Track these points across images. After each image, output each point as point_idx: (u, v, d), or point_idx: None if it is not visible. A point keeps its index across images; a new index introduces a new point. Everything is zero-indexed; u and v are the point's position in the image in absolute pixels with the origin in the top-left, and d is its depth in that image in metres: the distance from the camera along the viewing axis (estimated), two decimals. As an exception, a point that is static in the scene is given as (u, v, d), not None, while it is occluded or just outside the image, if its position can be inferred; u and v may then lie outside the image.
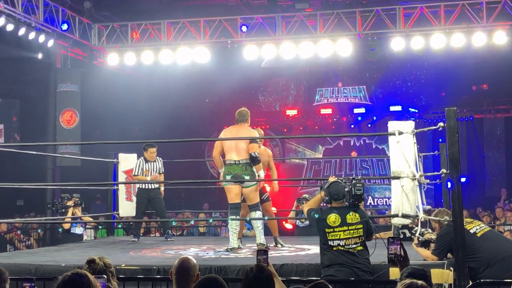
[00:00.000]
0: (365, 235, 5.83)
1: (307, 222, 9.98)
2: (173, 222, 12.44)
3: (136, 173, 10.10)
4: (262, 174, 8.29)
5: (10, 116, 17.69)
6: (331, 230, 5.72)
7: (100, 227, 12.47)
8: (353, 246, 5.71)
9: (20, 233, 13.37)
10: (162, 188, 10.33)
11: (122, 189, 10.63)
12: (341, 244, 5.70)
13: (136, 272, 6.33)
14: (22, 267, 6.59)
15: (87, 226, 11.89)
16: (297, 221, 10.98)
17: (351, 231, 5.72)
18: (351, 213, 5.79)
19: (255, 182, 8.08)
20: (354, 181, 5.84)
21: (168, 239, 10.15)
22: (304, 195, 12.48)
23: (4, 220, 11.38)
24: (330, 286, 3.85)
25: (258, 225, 8.17)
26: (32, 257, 7.79)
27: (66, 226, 10.75)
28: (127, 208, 10.57)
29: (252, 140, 8.08)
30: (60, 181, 14.49)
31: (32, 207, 15.37)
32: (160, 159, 10.33)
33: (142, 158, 10.19)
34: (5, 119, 17.42)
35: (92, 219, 11.64)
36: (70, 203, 10.48)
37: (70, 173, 14.53)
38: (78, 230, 11.13)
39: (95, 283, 3.19)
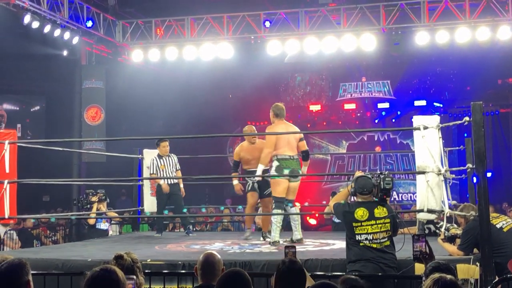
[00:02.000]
0: (392, 230, 5.80)
1: None
2: (204, 218, 12.44)
3: (153, 172, 10.08)
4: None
5: (36, 113, 17.88)
6: (359, 224, 5.68)
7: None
8: (381, 240, 5.67)
9: (47, 228, 13.51)
10: (182, 185, 10.28)
11: (147, 184, 10.70)
12: (368, 238, 5.66)
13: (161, 267, 6.37)
14: (49, 262, 6.65)
15: (112, 222, 11.98)
16: (334, 216, 10.86)
17: (379, 226, 5.68)
18: (378, 207, 5.75)
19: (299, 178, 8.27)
20: (383, 175, 5.80)
21: (190, 235, 10.11)
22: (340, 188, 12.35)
23: (31, 215, 11.49)
24: (360, 280, 3.85)
25: (297, 220, 8.31)
26: (59, 252, 7.86)
27: (91, 221, 10.84)
28: (152, 203, 10.62)
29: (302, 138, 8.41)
30: (85, 177, 14.62)
31: (58, 203, 15.52)
32: (174, 155, 10.28)
33: (155, 156, 10.14)
34: (30, 115, 17.64)
35: (117, 215, 11.72)
36: (94, 198, 10.55)
37: (96, 169, 14.67)
38: (103, 225, 11.21)
39: (124, 280, 3.19)
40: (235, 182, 9.11)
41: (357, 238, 5.68)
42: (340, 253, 6.79)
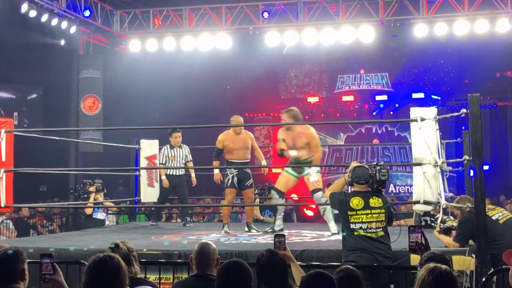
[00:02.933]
0: (387, 221, 5.81)
1: None
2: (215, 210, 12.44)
3: (162, 161, 10.18)
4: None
5: (33, 102, 17.86)
6: (354, 213, 5.70)
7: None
8: (376, 230, 5.68)
9: (43, 218, 13.51)
10: (193, 175, 10.41)
11: (144, 175, 10.66)
12: (363, 227, 5.67)
13: (157, 256, 6.38)
14: (45, 251, 6.63)
15: (109, 212, 11.97)
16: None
17: (374, 215, 5.69)
18: (374, 198, 5.76)
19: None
20: (379, 167, 5.81)
21: (186, 225, 10.14)
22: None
23: (27, 204, 11.48)
24: (356, 270, 3.85)
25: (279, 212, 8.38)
26: (54, 241, 7.87)
27: (88, 211, 10.83)
28: (148, 194, 10.62)
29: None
30: (82, 167, 14.60)
31: (55, 193, 15.51)
32: (186, 146, 10.35)
33: (167, 145, 10.21)
34: (27, 104, 17.61)
35: (113, 204, 11.71)
36: (92, 188, 10.54)
37: (93, 159, 14.64)
38: (100, 215, 11.20)
39: (125, 267, 3.23)
40: (216, 171, 9.12)
41: (351, 227, 5.69)
42: (336, 244, 6.80)
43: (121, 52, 15.46)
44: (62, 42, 14.91)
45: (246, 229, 8.88)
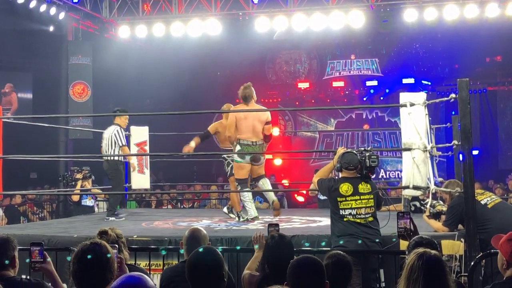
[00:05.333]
0: (376, 206, 5.83)
1: None
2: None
3: (124, 144, 9.39)
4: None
5: (24, 89, 17.76)
6: (343, 199, 5.71)
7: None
8: (365, 216, 5.71)
9: (34, 205, 13.49)
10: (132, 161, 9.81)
11: (134, 161, 10.64)
12: (352, 213, 5.70)
13: (148, 243, 6.38)
14: (35, 238, 6.61)
15: (100, 199, 11.96)
16: (319, 193, 10.82)
17: (363, 201, 5.71)
18: (362, 183, 5.78)
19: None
20: (368, 153, 5.81)
21: (110, 219, 8.92)
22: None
23: (16, 191, 11.44)
24: (346, 255, 3.87)
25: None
26: (45, 229, 7.87)
27: (75, 198, 10.81)
28: (139, 180, 10.58)
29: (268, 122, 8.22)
30: (72, 153, 14.54)
31: (46, 180, 15.47)
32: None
33: (118, 127, 9.35)
34: (16, 91, 17.53)
35: (101, 191, 11.67)
36: (79, 176, 10.52)
37: (83, 146, 14.57)
38: (89, 202, 11.21)
39: (113, 254, 3.22)
40: (192, 143, 8.92)
41: (341, 213, 5.71)
42: (326, 230, 6.82)
43: (111, 38, 15.37)
44: (51, 29, 14.81)
45: (225, 210, 8.95)
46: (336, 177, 6.13)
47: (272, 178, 15.71)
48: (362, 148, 5.97)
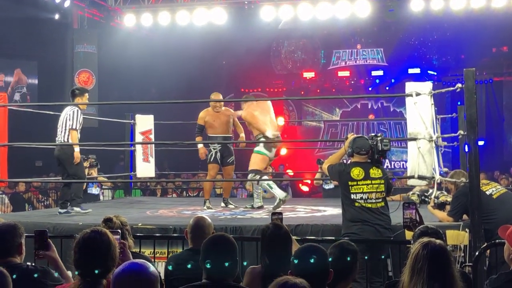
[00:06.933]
0: (386, 191, 5.82)
1: (332, 185, 9.96)
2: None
3: (75, 127, 8.30)
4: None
5: (30, 77, 17.76)
6: (355, 183, 5.68)
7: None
8: (376, 201, 5.68)
9: (39, 193, 13.51)
10: (77, 150, 8.31)
11: (139, 150, 10.64)
12: (363, 197, 5.66)
13: (152, 231, 6.39)
14: (40, 226, 6.64)
15: (105, 187, 11.98)
16: (323, 183, 10.84)
17: (374, 186, 5.68)
18: (374, 168, 5.74)
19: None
20: (379, 137, 5.79)
21: (61, 212, 8.00)
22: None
23: (22, 179, 11.46)
24: (353, 244, 3.87)
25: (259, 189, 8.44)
26: (50, 216, 7.87)
27: (81, 186, 10.80)
28: (144, 169, 10.60)
29: None
30: (78, 142, 14.52)
31: (51, 168, 15.47)
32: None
33: (76, 108, 8.30)
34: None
35: (107, 180, 11.68)
36: (86, 164, 10.51)
37: (88, 134, 14.53)
38: (94, 190, 11.22)
39: (115, 242, 3.21)
40: (200, 146, 8.94)
41: (352, 197, 5.66)
42: (330, 219, 6.83)
43: (116, 26, 15.36)
44: (57, 17, 14.80)
45: (223, 204, 8.94)
46: (347, 162, 6.11)
47: (280, 168, 15.76)
48: (373, 134, 5.95)
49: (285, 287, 2.63)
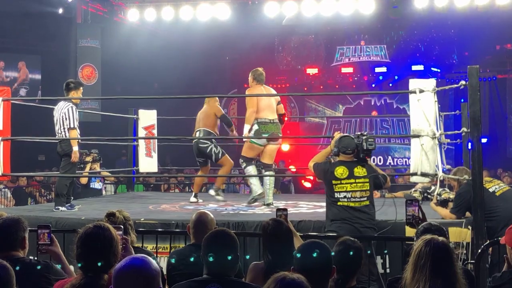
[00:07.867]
0: (372, 190, 5.84)
1: None
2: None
3: (74, 125, 8.17)
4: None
5: (33, 71, 17.77)
6: (338, 182, 5.73)
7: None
8: (360, 199, 5.72)
9: (41, 187, 13.53)
10: (76, 148, 8.25)
11: (142, 145, 10.64)
12: (347, 196, 5.71)
13: (155, 226, 6.40)
14: (43, 220, 6.67)
15: (108, 182, 11.98)
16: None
17: (358, 184, 5.73)
18: (358, 167, 5.80)
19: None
20: (365, 137, 5.82)
21: (55, 209, 7.83)
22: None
23: (24, 173, 11.48)
24: (357, 241, 3.88)
25: (268, 185, 8.31)
26: (53, 211, 7.87)
27: (83, 181, 10.82)
28: (147, 164, 10.60)
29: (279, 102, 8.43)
30: (80, 136, 14.54)
31: (54, 163, 15.48)
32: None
33: (70, 104, 8.15)
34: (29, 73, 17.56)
35: (110, 174, 11.70)
36: (88, 158, 10.51)
37: (91, 128, 14.57)
38: (97, 185, 11.23)
39: (117, 236, 3.22)
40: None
41: (336, 196, 5.72)
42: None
43: (120, 21, 15.34)
44: (60, 11, 14.80)
45: (213, 192, 9.00)
46: (332, 160, 6.13)
47: (280, 164, 15.74)
48: (359, 133, 5.97)
49: (283, 283, 2.63)
